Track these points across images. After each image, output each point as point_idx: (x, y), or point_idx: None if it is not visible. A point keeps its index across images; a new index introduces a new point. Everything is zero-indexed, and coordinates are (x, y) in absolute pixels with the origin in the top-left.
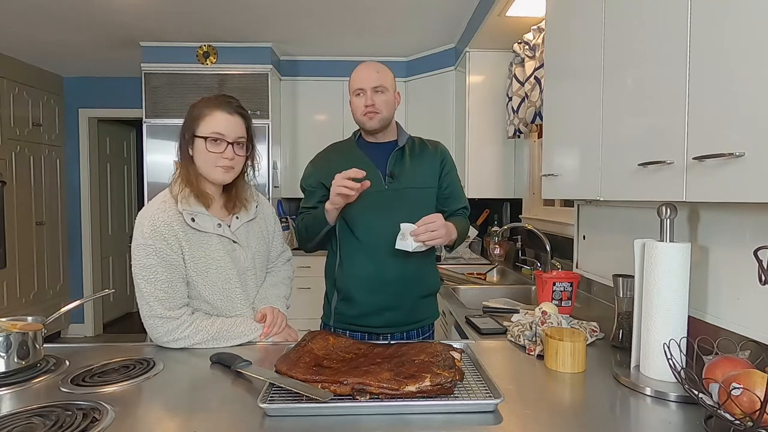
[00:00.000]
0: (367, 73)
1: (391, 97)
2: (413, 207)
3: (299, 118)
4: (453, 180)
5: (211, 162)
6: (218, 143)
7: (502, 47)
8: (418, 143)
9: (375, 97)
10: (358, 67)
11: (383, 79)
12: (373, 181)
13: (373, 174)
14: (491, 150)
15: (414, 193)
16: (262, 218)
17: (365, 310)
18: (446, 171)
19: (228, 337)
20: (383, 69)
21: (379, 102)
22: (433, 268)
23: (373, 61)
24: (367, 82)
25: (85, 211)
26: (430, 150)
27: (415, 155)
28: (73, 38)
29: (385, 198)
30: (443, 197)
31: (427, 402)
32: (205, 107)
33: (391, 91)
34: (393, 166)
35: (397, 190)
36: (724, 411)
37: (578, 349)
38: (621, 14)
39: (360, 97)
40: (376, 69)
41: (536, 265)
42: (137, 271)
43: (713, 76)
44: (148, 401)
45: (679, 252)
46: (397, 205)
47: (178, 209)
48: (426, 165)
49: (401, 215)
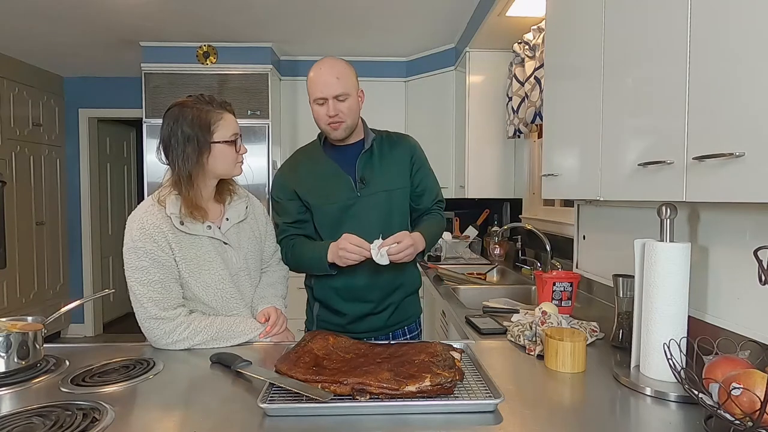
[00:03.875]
0: (327, 80)
1: (355, 102)
2: (386, 210)
3: (299, 118)
4: (425, 175)
5: (233, 161)
6: (237, 143)
7: (502, 47)
8: (386, 141)
9: (338, 105)
10: (315, 69)
11: (345, 85)
12: (344, 188)
13: (342, 181)
14: (491, 150)
15: (386, 196)
16: (254, 218)
17: (347, 318)
18: (417, 167)
19: (228, 337)
20: (344, 71)
21: (343, 110)
22: (410, 267)
23: (332, 60)
24: (328, 89)
25: (85, 211)
26: (398, 147)
27: (385, 155)
28: (73, 38)
29: (357, 205)
30: (416, 195)
31: (427, 402)
32: (211, 113)
33: (353, 95)
34: (363, 170)
35: (370, 195)
36: (724, 411)
37: (578, 349)
38: (621, 14)
39: (322, 106)
40: (335, 75)
41: (536, 265)
42: (130, 274)
43: (713, 76)
44: (148, 401)
45: (679, 252)
46: (370, 212)
47: (166, 213)
48: (396, 164)
49: (375, 221)
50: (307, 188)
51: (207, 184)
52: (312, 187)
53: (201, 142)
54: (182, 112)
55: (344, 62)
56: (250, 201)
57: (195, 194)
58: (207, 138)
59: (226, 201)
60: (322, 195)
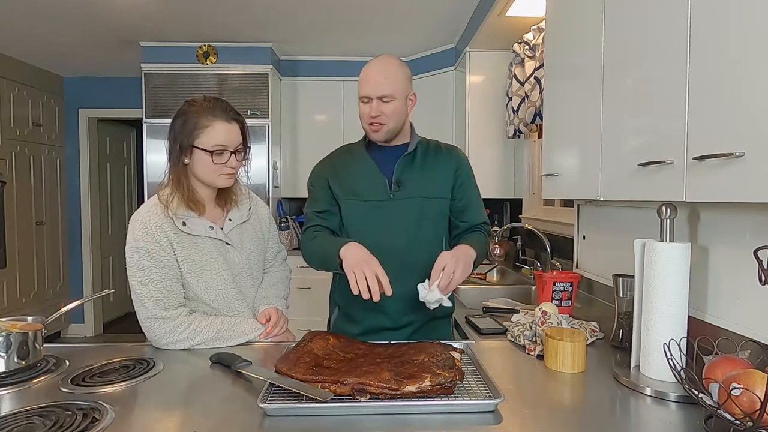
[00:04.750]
0: (375, 78)
1: (401, 105)
2: (418, 218)
3: (299, 118)
4: (469, 191)
5: (215, 171)
6: (222, 155)
7: (502, 47)
8: (432, 148)
9: (381, 107)
10: (367, 65)
11: (392, 86)
12: (377, 188)
13: (377, 180)
14: (491, 150)
15: (420, 203)
16: (257, 219)
17: (361, 328)
18: (461, 181)
19: (228, 337)
20: (393, 72)
21: (386, 112)
22: None
23: (385, 59)
24: (374, 89)
25: (85, 211)
26: (444, 157)
27: (427, 162)
28: (73, 38)
29: (388, 209)
30: (457, 210)
31: (427, 402)
32: (202, 117)
33: (400, 98)
34: (400, 173)
35: (403, 199)
36: (724, 411)
37: (578, 349)
38: (621, 14)
39: (366, 105)
40: (384, 74)
41: (536, 265)
42: (131, 273)
43: (713, 75)
44: (148, 401)
45: (679, 252)
46: (400, 216)
47: (168, 214)
48: (437, 173)
49: (404, 226)
50: (339, 181)
51: (199, 187)
52: (344, 180)
53: (183, 143)
54: (183, 110)
55: (398, 62)
56: (253, 201)
57: (189, 190)
58: (188, 141)
59: (227, 208)
60: (353, 191)
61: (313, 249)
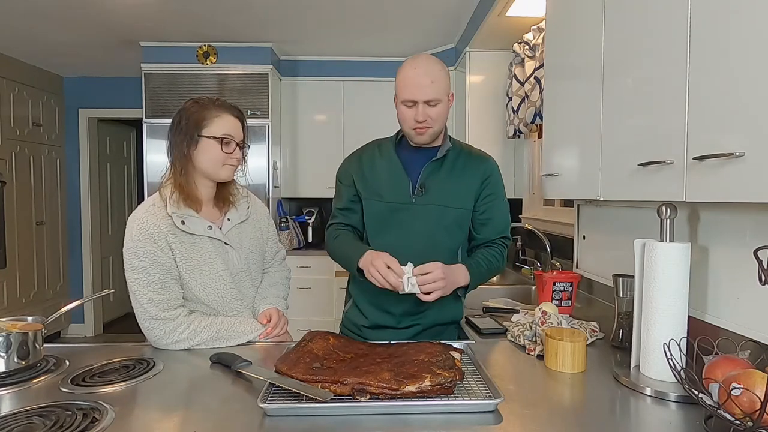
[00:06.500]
0: (421, 82)
1: (445, 107)
2: (433, 226)
3: (299, 118)
4: (494, 205)
5: (220, 161)
6: (230, 144)
7: (502, 47)
8: (463, 155)
9: (428, 111)
10: (409, 67)
11: (438, 90)
12: (400, 190)
13: (401, 182)
14: (491, 150)
15: (439, 211)
16: (255, 219)
17: (368, 322)
18: (487, 192)
19: (228, 337)
20: (438, 74)
21: (432, 116)
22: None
23: (428, 60)
24: (421, 93)
25: (85, 211)
26: (473, 165)
27: (456, 169)
28: (73, 38)
29: (408, 212)
30: (479, 223)
31: (427, 402)
32: (211, 109)
33: (444, 100)
34: (426, 177)
35: (424, 205)
36: (724, 411)
37: (578, 349)
38: (621, 14)
39: (410, 109)
40: (431, 77)
41: (536, 265)
42: (129, 275)
43: (713, 76)
44: (148, 401)
45: (679, 252)
46: (418, 221)
47: (168, 212)
48: (464, 182)
49: (419, 232)
50: (362, 178)
51: (200, 182)
52: (368, 178)
53: (190, 134)
54: (187, 106)
55: (440, 64)
56: (251, 201)
57: (188, 185)
58: (196, 132)
59: (224, 210)
60: (376, 190)
61: (335, 250)
